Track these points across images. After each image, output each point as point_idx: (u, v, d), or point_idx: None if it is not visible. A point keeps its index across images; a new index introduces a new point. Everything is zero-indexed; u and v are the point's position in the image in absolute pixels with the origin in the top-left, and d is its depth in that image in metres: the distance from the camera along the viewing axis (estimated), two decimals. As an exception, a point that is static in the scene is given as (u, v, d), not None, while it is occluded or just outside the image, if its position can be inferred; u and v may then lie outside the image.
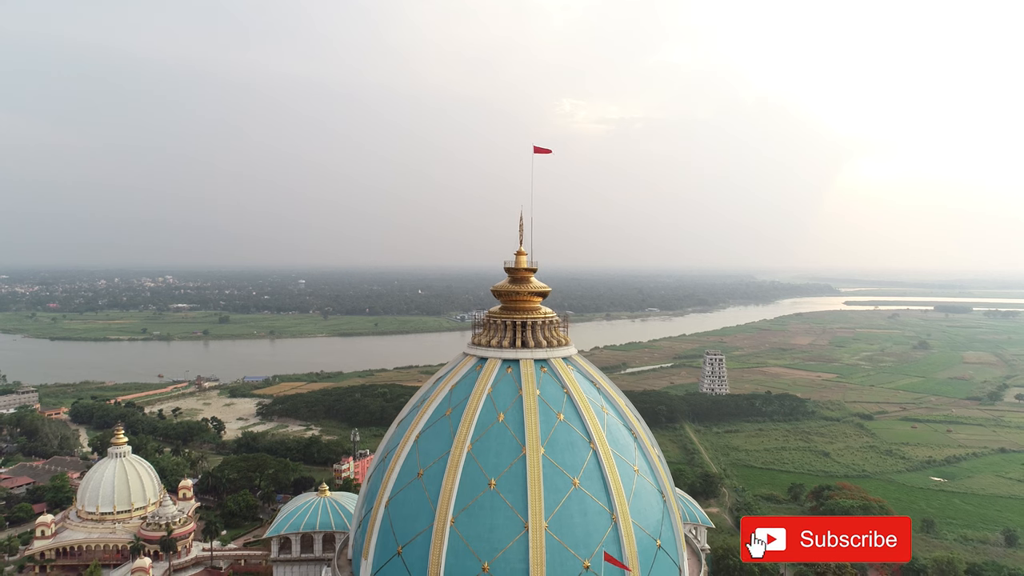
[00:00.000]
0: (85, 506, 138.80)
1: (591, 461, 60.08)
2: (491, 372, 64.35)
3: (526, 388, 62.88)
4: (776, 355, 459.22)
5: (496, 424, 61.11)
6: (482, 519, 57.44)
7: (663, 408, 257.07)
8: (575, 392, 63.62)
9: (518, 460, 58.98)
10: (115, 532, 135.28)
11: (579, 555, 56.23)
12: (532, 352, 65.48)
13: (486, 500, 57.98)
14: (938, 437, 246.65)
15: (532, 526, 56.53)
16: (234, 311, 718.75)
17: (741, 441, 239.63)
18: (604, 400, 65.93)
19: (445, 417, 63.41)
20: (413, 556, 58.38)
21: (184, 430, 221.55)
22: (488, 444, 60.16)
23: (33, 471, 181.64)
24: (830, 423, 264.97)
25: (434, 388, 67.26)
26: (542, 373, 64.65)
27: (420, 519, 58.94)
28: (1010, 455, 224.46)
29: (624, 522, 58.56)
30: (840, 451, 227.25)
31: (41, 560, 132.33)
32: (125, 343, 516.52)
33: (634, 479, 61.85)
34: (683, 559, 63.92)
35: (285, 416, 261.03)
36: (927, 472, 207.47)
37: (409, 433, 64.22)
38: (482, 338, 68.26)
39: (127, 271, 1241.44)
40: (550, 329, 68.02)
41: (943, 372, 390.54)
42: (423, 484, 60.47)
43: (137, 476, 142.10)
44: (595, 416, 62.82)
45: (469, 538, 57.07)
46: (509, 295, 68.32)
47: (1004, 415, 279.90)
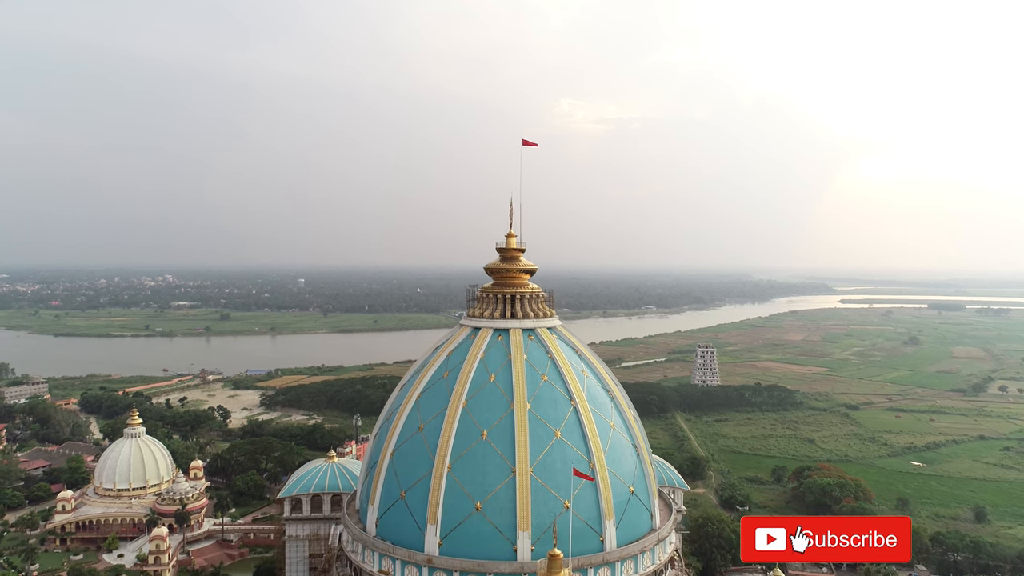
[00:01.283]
0: (103, 483, 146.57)
1: (571, 416, 68.08)
2: (484, 340, 72.34)
3: (515, 353, 70.85)
4: (768, 350, 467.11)
5: (488, 384, 69.11)
6: (475, 465, 65.46)
7: (655, 398, 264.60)
8: (558, 357, 71.62)
9: (507, 415, 67.00)
10: (131, 507, 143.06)
11: (560, 496, 64.09)
12: (520, 322, 73.46)
13: (479, 449, 65.98)
14: (921, 426, 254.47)
15: (519, 471, 64.50)
16: (235, 309, 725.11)
17: (730, 429, 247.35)
18: (584, 364, 73.94)
19: (443, 379, 71.45)
20: (415, 499, 66.37)
21: (191, 418, 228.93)
22: (481, 401, 68.16)
23: (48, 455, 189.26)
24: (817, 413, 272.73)
25: (433, 355, 75.31)
26: (529, 340, 72.62)
27: (421, 467, 66.93)
28: (988, 442, 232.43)
29: (600, 469, 66.50)
30: (825, 438, 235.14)
31: (62, 533, 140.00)
32: (128, 339, 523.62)
33: (610, 433, 69.86)
34: (654, 506, 71.88)
35: (288, 406, 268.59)
36: (907, 457, 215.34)
37: (411, 394, 72.24)
38: (476, 311, 76.26)
39: (127, 270, 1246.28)
40: (536, 302, 75.97)
41: (931, 366, 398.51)
42: (423, 437, 68.48)
43: (152, 455, 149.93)
44: (576, 378, 70.81)
45: (464, 482, 65.04)
46: (500, 272, 76.26)
47: (987, 405, 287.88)
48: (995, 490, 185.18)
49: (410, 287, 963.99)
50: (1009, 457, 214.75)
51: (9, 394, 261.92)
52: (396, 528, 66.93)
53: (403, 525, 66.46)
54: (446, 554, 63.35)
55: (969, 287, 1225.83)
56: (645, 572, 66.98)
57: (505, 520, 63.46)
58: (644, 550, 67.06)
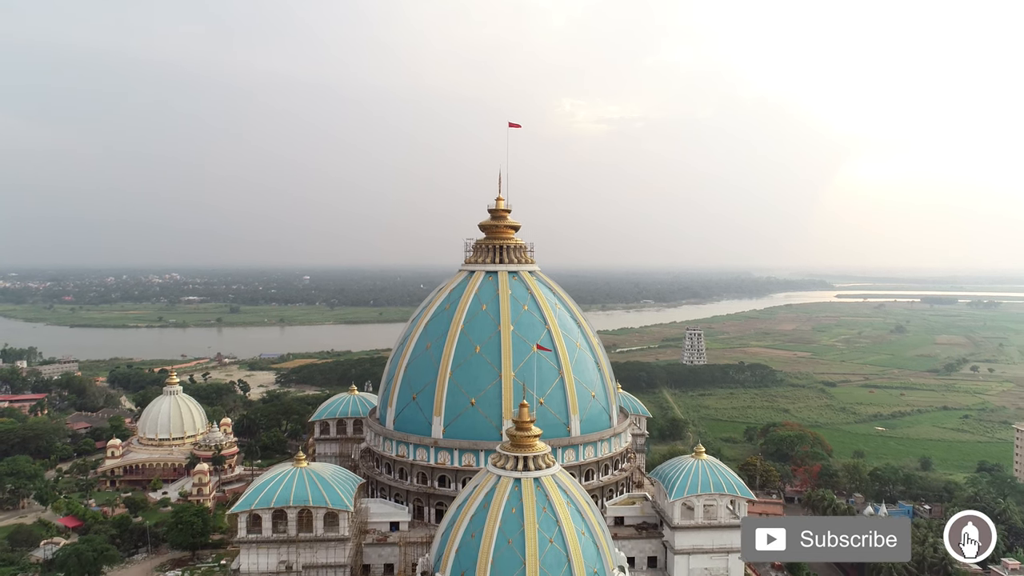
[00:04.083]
0: (146, 433, 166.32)
1: (546, 336, 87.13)
2: (477, 280, 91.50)
3: (502, 290, 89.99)
4: (758, 338, 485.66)
5: (481, 312, 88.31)
6: (470, 372, 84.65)
7: (643, 375, 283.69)
8: (536, 293, 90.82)
9: (495, 334, 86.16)
10: (172, 453, 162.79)
11: (536, 394, 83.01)
12: (506, 266, 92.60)
13: (473, 360, 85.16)
14: (891, 399, 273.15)
15: (504, 375, 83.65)
16: (243, 303, 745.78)
17: (712, 402, 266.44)
18: (557, 300, 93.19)
19: (445, 310, 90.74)
20: (424, 399, 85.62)
21: (214, 391, 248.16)
22: (475, 324, 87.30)
23: (89, 418, 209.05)
24: (796, 389, 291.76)
25: (437, 293, 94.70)
26: (513, 280, 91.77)
27: (428, 375, 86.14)
28: (951, 412, 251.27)
29: (568, 376, 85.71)
30: (799, 408, 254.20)
31: (111, 476, 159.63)
32: (143, 329, 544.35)
33: (576, 351, 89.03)
34: (613, 411, 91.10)
35: (302, 383, 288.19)
36: (873, 424, 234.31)
37: (420, 322, 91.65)
38: (472, 258, 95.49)
39: (133, 270, 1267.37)
40: (520, 252, 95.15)
41: (912, 351, 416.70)
42: (430, 353, 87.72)
43: (188, 409, 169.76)
44: (550, 309, 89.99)
45: (462, 384, 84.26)
46: (490, 228, 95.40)
47: (956, 383, 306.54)
48: (947, 448, 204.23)
49: (413, 283, 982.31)
50: (967, 423, 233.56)
51: (43, 371, 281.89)
52: (409, 422, 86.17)
53: (415, 419, 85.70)
54: (448, 437, 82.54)
55: (967, 283, 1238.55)
56: (601, 457, 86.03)
57: (493, 412, 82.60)
58: (602, 439, 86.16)
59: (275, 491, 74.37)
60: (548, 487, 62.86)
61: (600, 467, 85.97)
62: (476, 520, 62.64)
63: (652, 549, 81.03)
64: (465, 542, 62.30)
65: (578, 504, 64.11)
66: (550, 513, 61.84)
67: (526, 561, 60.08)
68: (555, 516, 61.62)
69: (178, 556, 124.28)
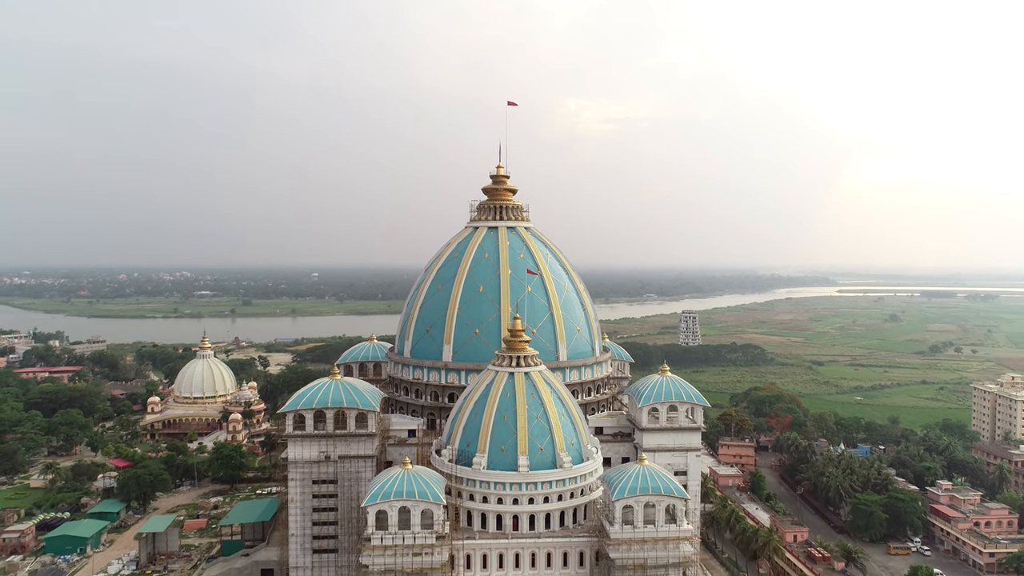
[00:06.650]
0: (181, 392, 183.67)
1: (538, 279, 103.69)
2: (480, 234, 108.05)
3: (501, 241, 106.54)
4: (755, 326, 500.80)
5: (484, 260, 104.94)
6: (475, 307, 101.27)
7: (639, 354, 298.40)
8: (531, 244, 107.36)
9: (495, 277, 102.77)
10: (206, 410, 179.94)
11: (530, 325, 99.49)
12: (505, 223, 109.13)
13: (477, 298, 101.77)
14: (875, 376, 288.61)
15: (503, 310, 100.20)
16: (254, 298, 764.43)
17: (704, 377, 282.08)
18: (548, 251, 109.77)
19: (453, 258, 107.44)
20: (436, 331, 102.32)
21: (237, 366, 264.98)
22: (478, 270, 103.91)
23: (124, 386, 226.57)
24: (785, 367, 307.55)
25: (445, 246, 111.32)
26: (511, 234, 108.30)
27: (440, 312, 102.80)
28: (928, 385, 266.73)
29: (556, 312, 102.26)
30: (786, 383, 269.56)
31: (151, 429, 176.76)
32: (160, 320, 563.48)
33: (563, 293, 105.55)
34: (595, 344, 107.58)
35: (317, 361, 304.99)
36: (853, 395, 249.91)
37: (432, 269, 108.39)
38: (476, 217, 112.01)
39: (144, 268, 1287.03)
40: (517, 211, 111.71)
41: (903, 337, 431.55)
42: (441, 294, 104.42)
43: (220, 371, 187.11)
44: (542, 257, 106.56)
45: (467, 318, 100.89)
46: (492, 191, 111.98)
47: (938, 362, 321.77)
48: (918, 413, 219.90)
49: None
50: (941, 394, 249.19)
51: (76, 349, 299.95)
52: (424, 350, 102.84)
53: (429, 348, 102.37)
54: (457, 360, 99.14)
55: (968, 280, 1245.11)
56: (585, 380, 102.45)
57: (494, 339, 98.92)
58: (585, 365, 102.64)
59: (316, 396, 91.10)
60: (535, 378, 79.83)
61: (584, 388, 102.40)
62: (479, 404, 79.67)
63: (626, 451, 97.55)
64: (470, 420, 79.31)
65: (559, 393, 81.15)
66: (537, 398, 78.85)
67: (517, 432, 77.12)
68: (540, 400, 78.56)
69: (218, 488, 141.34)
